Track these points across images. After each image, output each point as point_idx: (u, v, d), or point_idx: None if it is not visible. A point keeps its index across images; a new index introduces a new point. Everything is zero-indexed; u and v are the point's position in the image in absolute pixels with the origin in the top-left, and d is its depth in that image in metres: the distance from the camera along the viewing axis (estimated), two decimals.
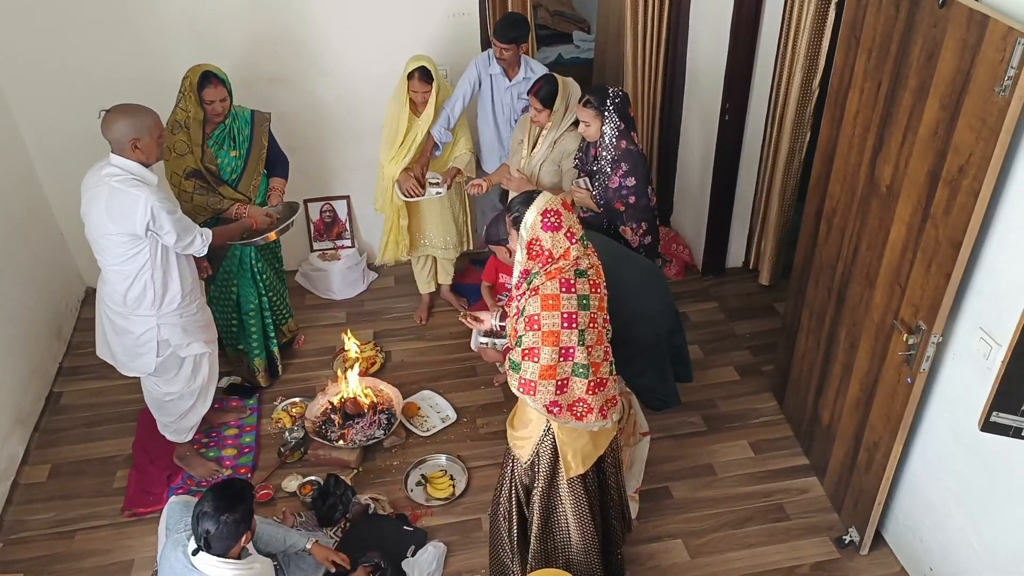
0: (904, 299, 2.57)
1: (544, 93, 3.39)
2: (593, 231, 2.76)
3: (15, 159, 3.91)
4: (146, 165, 2.80)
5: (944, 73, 2.28)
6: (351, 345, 3.85)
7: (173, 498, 2.69)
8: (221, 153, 3.40)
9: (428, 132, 3.78)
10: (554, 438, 2.47)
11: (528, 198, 2.33)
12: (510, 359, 2.36)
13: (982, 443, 2.43)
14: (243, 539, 2.36)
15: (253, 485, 2.53)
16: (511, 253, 2.66)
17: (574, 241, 2.30)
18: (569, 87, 3.48)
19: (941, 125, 2.31)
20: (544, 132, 3.53)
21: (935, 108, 2.33)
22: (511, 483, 2.64)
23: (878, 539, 3.03)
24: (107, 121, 2.72)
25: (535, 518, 2.61)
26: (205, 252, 3.00)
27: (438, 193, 3.85)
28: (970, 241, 2.26)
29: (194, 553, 2.33)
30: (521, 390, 2.34)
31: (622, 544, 2.87)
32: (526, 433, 2.52)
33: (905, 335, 2.54)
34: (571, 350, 2.29)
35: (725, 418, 3.68)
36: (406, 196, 3.81)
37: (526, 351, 2.30)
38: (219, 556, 2.31)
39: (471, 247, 4.33)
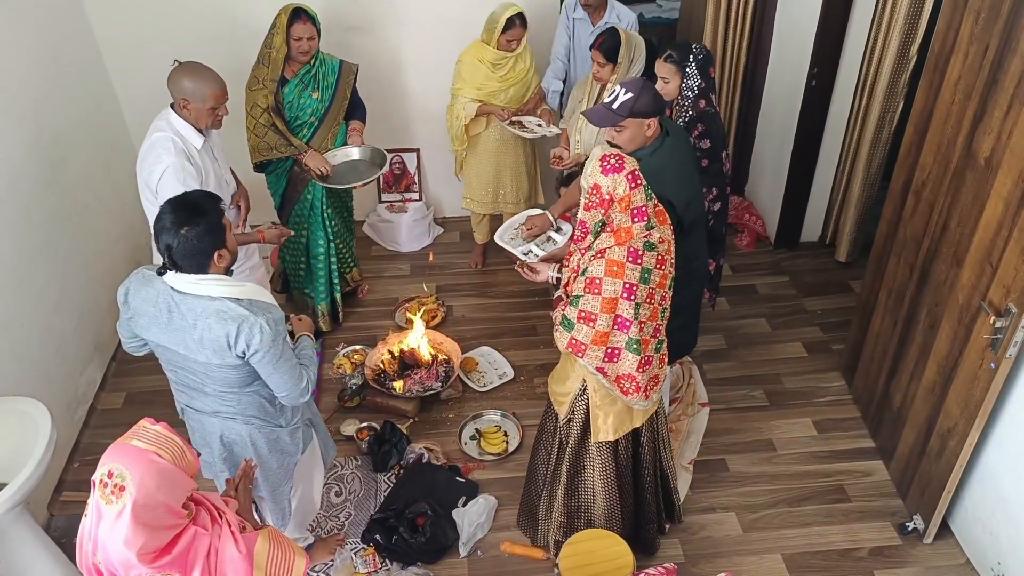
0: (994, 280, 2.42)
1: (607, 46, 3.27)
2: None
3: (101, 93, 4.03)
4: (201, 130, 2.80)
5: None
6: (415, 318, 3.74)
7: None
8: (304, 94, 3.43)
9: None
10: (588, 400, 2.45)
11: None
12: (564, 316, 2.32)
13: None
14: (216, 256, 2.08)
15: (219, 198, 2.17)
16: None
17: (636, 185, 2.18)
18: (634, 40, 3.35)
19: None
20: (608, 88, 3.42)
21: None
22: (556, 427, 2.64)
23: (944, 529, 2.92)
24: (172, 74, 2.73)
25: (563, 473, 2.61)
26: None
27: (550, 132, 3.78)
28: None
29: (160, 273, 2.10)
30: (570, 349, 2.30)
31: (656, 521, 2.83)
32: (564, 390, 2.51)
33: (992, 318, 2.40)
34: (626, 323, 2.24)
35: (789, 394, 3.57)
36: (510, 124, 3.77)
37: (583, 313, 2.25)
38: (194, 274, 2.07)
39: (543, 201, 4.25)
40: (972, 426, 2.58)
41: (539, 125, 3.80)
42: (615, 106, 2.50)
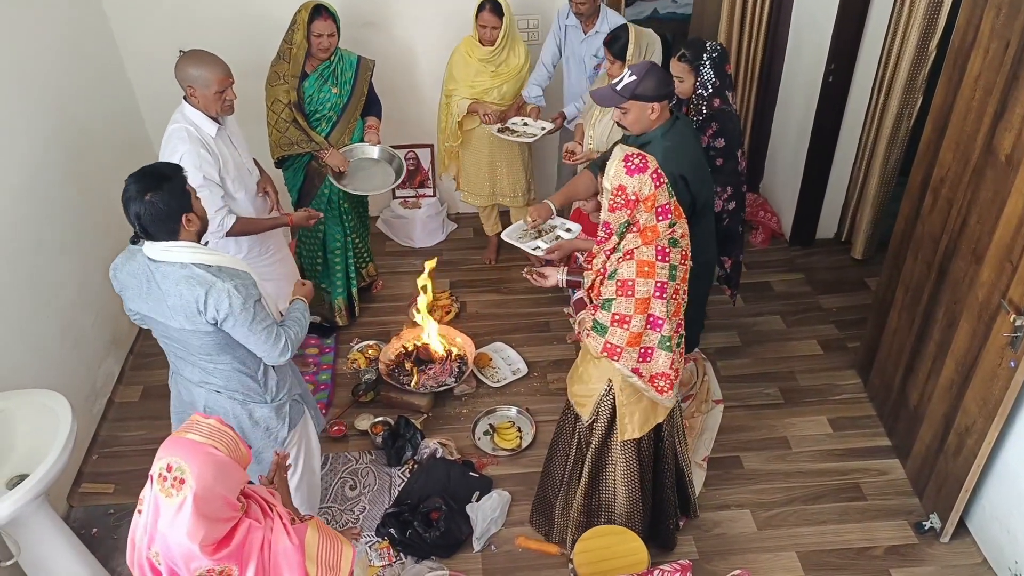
0: (1015, 278, 2.40)
1: (615, 44, 3.26)
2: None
3: (120, 89, 4.05)
4: (214, 118, 2.80)
5: None
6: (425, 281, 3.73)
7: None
8: (324, 89, 3.45)
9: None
10: (614, 399, 2.44)
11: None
12: (596, 320, 2.31)
13: None
14: (184, 220, 2.13)
15: (181, 167, 2.22)
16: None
17: (660, 183, 2.19)
18: (646, 38, 3.32)
19: None
20: None
21: None
22: (575, 429, 2.63)
23: (961, 528, 2.90)
24: (177, 64, 2.75)
25: (584, 472, 2.61)
26: (221, 235, 2.85)
27: (543, 129, 3.79)
28: None
29: (133, 241, 2.15)
30: (605, 354, 2.30)
31: (675, 516, 2.83)
32: (586, 391, 2.50)
33: (1012, 316, 2.38)
34: (659, 321, 2.25)
35: (804, 392, 3.56)
36: (495, 128, 3.76)
37: (616, 316, 2.25)
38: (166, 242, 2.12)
39: (536, 196, 4.23)
40: (991, 424, 2.56)
41: (525, 124, 3.81)
42: (619, 87, 2.60)
